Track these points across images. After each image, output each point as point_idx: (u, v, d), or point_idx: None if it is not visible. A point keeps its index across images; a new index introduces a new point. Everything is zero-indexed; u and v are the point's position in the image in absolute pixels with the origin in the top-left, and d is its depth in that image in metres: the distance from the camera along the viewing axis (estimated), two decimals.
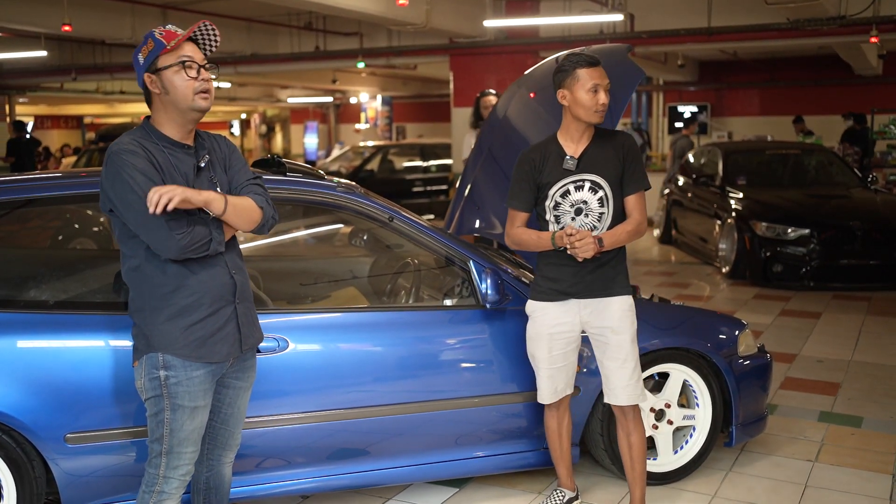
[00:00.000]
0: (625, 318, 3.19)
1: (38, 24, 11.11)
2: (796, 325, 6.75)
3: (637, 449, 3.26)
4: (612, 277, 3.19)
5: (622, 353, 3.18)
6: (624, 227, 3.15)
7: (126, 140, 2.48)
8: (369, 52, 13.65)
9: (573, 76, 3.11)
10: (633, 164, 3.17)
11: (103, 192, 2.49)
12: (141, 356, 2.56)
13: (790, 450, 4.15)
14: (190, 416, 2.56)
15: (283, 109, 28.99)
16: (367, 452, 3.37)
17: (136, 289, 2.56)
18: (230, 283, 2.61)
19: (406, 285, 3.91)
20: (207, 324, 2.55)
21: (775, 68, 17.76)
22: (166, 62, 2.50)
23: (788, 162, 10.15)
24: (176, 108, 2.51)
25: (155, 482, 2.57)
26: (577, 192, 3.15)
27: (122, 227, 2.51)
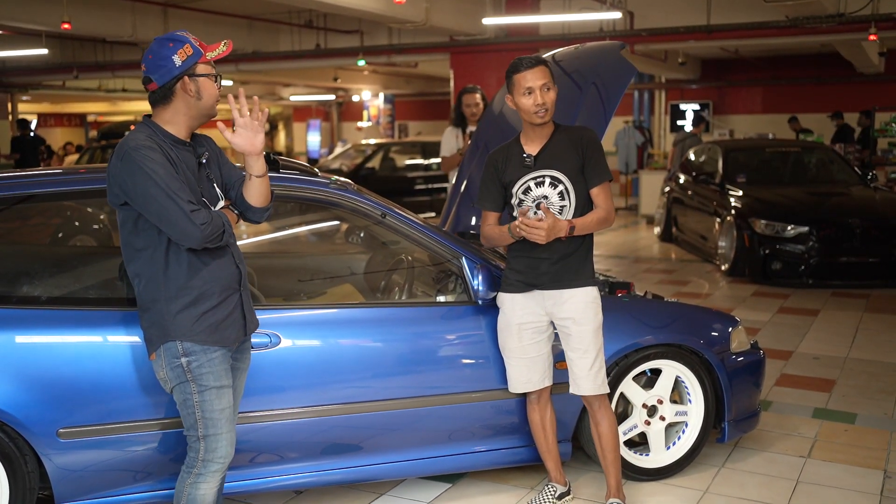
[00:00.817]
0: (587, 309, 3.25)
1: (39, 22, 11.14)
2: (794, 323, 6.76)
3: (606, 437, 3.32)
4: (576, 269, 3.26)
5: (583, 343, 3.25)
6: (593, 215, 3.24)
7: (141, 137, 2.59)
8: (370, 50, 13.68)
9: (511, 82, 3.24)
10: (593, 156, 3.24)
11: (117, 186, 2.58)
12: (157, 347, 2.66)
13: (783, 446, 4.16)
14: (217, 395, 2.68)
15: (285, 107, 29.03)
16: (360, 448, 3.39)
17: (150, 280, 2.64)
18: (236, 272, 2.78)
19: (400, 282, 3.92)
20: (219, 311, 2.69)
21: (777, 66, 17.75)
22: (204, 70, 2.65)
23: (788, 160, 10.15)
24: (199, 113, 2.68)
25: (194, 465, 2.70)
26: (537, 189, 3.25)
27: (135, 220, 2.61)
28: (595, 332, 3.26)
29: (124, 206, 2.62)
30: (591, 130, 3.34)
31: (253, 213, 2.83)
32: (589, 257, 3.31)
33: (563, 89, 4.08)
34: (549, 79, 3.20)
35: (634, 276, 8.76)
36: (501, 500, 3.60)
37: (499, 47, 12.25)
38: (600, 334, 3.29)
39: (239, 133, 2.67)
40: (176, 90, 2.64)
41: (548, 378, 3.37)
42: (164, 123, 2.67)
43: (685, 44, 13.08)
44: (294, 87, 24.31)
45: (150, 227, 2.60)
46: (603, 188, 3.26)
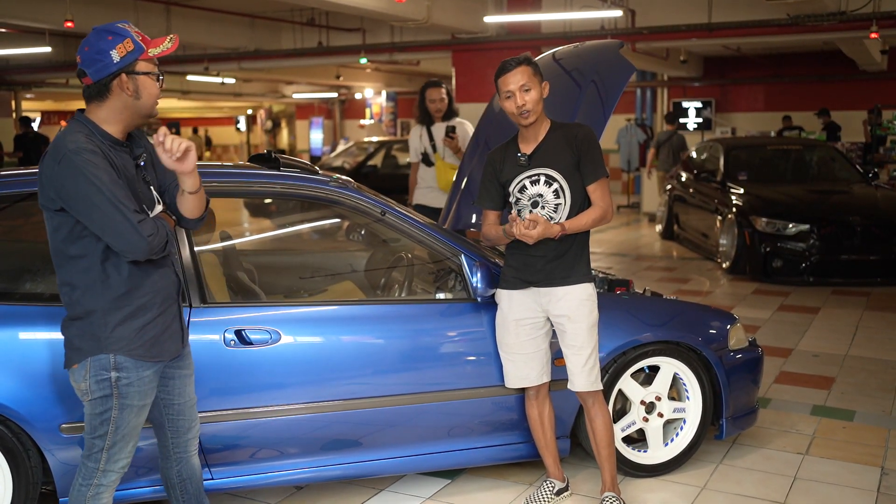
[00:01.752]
0: (581, 306, 3.28)
1: (42, 20, 11.18)
2: (794, 320, 6.77)
3: (600, 433, 3.36)
4: (571, 266, 3.29)
5: (578, 340, 3.28)
6: (588, 214, 3.26)
7: (81, 138, 2.41)
8: (372, 48, 13.69)
9: (497, 86, 3.30)
10: (588, 154, 3.25)
11: (53, 190, 2.41)
12: (84, 357, 2.50)
13: (781, 443, 4.18)
14: (137, 413, 2.57)
15: (288, 105, 29.05)
16: (359, 443, 3.42)
17: (85, 290, 2.48)
18: (176, 282, 2.67)
19: (400, 279, 3.95)
20: (158, 323, 2.57)
21: (780, 64, 17.74)
22: (144, 68, 2.48)
23: (790, 158, 10.16)
24: (137, 113, 2.51)
25: (93, 476, 2.56)
26: (532, 187, 3.28)
27: (71, 228, 2.44)
28: (589, 329, 3.29)
29: (59, 213, 2.43)
30: (587, 127, 3.35)
31: (187, 221, 2.69)
32: (583, 255, 3.34)
33: (563, 87, 4.10)
34: (528, 79, 3.21)
35: (635, 274, 8.77)
36: (500, 495, 3.62)
37: (500, 45, 12.26)
38: (595, 332, 3.32)
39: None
40: (112, 87, 2.45)
41: (546, 374, 3.40)
42: (99, 122, 2.48)
43: (687, 42, 13.08)
44: (297, 85, 24.34)
45: (87, 234, 2.43)
46: (599, 185, 3.28)
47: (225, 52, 14.76)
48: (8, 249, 3.95)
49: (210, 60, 15.21)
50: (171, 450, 2.80)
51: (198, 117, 33.71)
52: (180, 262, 3.16)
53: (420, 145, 6.04)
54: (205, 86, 21.96)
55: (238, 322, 3.20)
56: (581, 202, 3.29)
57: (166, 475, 2.84)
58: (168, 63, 15.80)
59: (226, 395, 3.17)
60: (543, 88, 3.28)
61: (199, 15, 13.20)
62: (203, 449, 3.19)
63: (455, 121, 5.99)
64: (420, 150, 6.05)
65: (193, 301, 3.15)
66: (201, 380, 3.11)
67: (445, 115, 6.00)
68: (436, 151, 5.97)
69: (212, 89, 22.86)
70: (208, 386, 3.14)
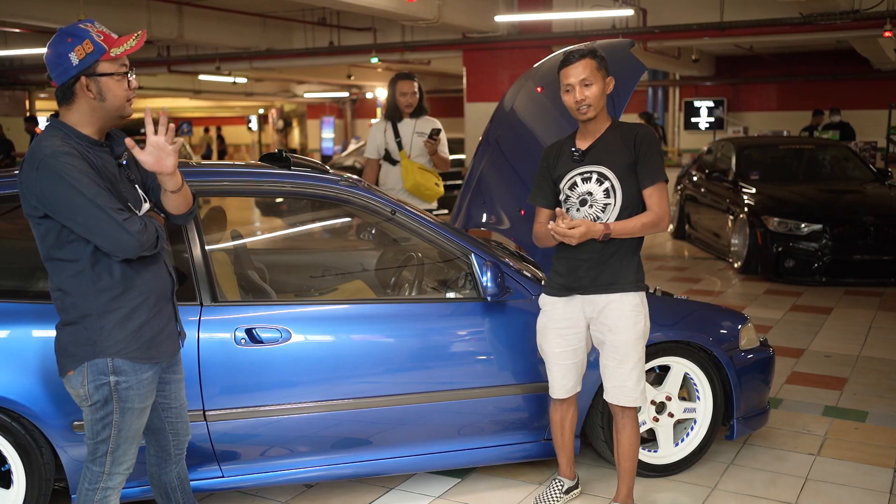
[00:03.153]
0: (624, 317, 3.14)
1: (54, 20, 11.22)
2: (806, 321, 6.74)
3: (625, 446, 3.26)
4: (617, 272, 3.15)
5: (618, 353, 3.16)
6: (638, 218, 3.11)
7: (56, 142, 2.37)
8: (383, 48, 13.70)
9: (558, 79, 3.22)
10: (646, 156, 3.12)
11: (34, 197, 2.37)
12: (81, 363, 2.47)
13: (793, 443, 4.17)
14: (139, 416, 2.55)
15: (299, 104, 29.11)
16: (370, 442, 3.42)
17: (78, 295, 2.45)
18: (169, 282, 2.63)
19: (410, 278, 3.95)
20: (154, 324, 2.54)
21: (792, 63, 17.66)
22: (107, 69, 2.42)
23: (802, 157, 10.11)
24: (105, 114, 2.46)
25: (99, 479, 2.55)
26: (584, 184, 3.17)
27: (59, 233, 2.41)
28: (633, 341, 3.15)
29: (44, 219, 2.40)
30: (648, 128, 3.23)
31: (175, 217, 2.67)
32: (632, 262, 3.19)
33: None
34: (590, 73, 3.10)
35: (647, 274, 8.73)
36: (510, 494, 3.62)
37: (511, 44, 12.24)
38: (640, 345, 3.17)
39: (149, 151, 2.44)
40: (76, 90, 2.40)
41: (578, 384, 3.35)
42: (73, 124, 2.44)
43: (699, 41, 13.04)
44: (308, 85, 24.40)
45: (75, 238, 2.40)
46: (656, 189, 3.13)
47: (237, 52, 14.81)
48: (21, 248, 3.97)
49: (222, 60, 15.26)
50: (172, 453, 2.80)
51: (209, 116, 33.82)
52: (191, 261, 3.18)
53: (383, 141, 5.44)
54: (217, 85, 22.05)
55: (249, 321, 3.21)
56: (634, 205, 3.14)
57: (164, 479, 2.83)
58: (180, 62, 15.89)
59: (236, 393, 3.19)
60: (608, 84, 3.17)
61: (211, 15, 13.25)
62: (214, 447, 3.20)
63: (428, 120, 5.49)
64: (383, 147, 5.45)
65: (205, 300, 3.17)
66: (212, 378, 3.14)
67: (415, 112, 5.47)
68: (401, 149, 5.40)
69: (224, 89, 22.94)
70: (219, 384, 3.15)
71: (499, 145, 4.57)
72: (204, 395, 3.13)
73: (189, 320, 3.11)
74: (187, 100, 25.98)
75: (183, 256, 3.20)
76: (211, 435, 3.18)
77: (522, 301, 3.53)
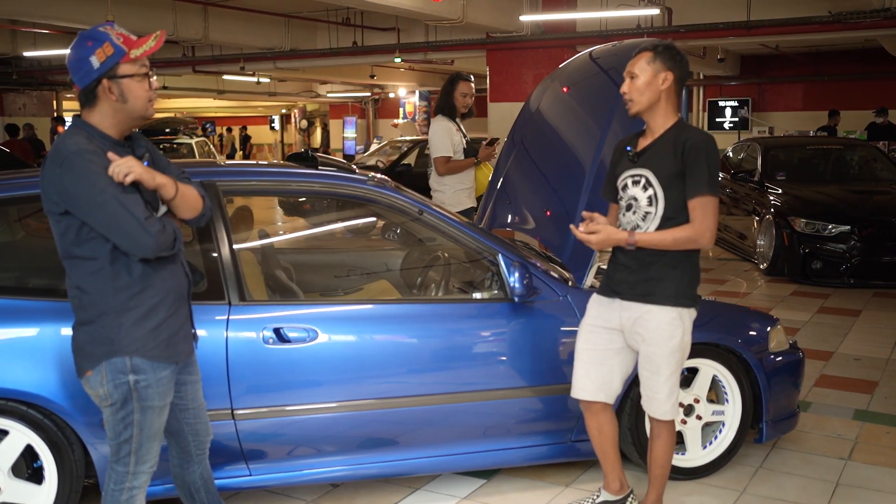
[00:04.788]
0: (659, 330, 3.00)
1: (82, 21, 11.35)
2: (834, 323, 6.66)
3: (657, 454, 3.17)
4: (656, 284, 2.99)
5: (652, 365, 3.05)
6: (672, 231, 2.94)
7: (81, 140, 2.40)
8: (406, 48, 13.72)
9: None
10: (692, 165, 2.90)
11: (56, 193, 2.39)
12: (99, 363, 2.48)
13: (823, 447, 4.12)
14: (159, 414, 2.56)
15: (322, 104, 29.21)
16: (396, 442, 3.42)
17: (96, 293, 2.46)
18: (185, 282, 2.64)
19: (436, 278, 3.95)
20: (171, 323, 2.55)
21: (819, 62, 17.47)
22: (128, 71, 2.43)
23: (830, 157, 10.00)
24: (128, 116, 2.47)
25: (125, 479, 2.56)
26: (633, 188, 3.03)
27: (78, 230, 2.42)
28: (666, 355, 3.01)
29: (65, 216, 2.41)
30: (704, 135, 2.98)
31: (189, 220, 2.66)
32: (674, 275, 2.99)
33: (601, 87, 4.07)
34: (637, 66, 2.97)
35: None
36: (536, 496, 3.61)
37: (535, 44, 12.21)
38: (675, 359, 3.04)
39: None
40: (98, 93, 2.42)
41: (603, 394, 3.16)
42: (95, 125, 2.46)
43: (724, 40, 12.94)
44: (331, 84, 24.49)
45: (95, 236, 2.41)
46: (700, 203, 2.90)
47: (261, 52, 14.89)
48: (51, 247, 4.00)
49: (246, 60, 15.36)
50: (193, 453, 2.81)
51: (232, 116, 34.03)
52: (219, 261, 3.19)
53: (460, 141, 5.45)
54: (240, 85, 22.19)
55: (276, 320, 3.22)
56: (679, 217, 2.95)
57: (188, 480, 2.84)
58: (205, 63, 16.00)
59: (264, 392, 3.20)
60: (661, 79, 2.96)
61: (235, 15, 13.33)
62: (241, 446, 3.21)
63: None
64: (460, 145, 5.45)
65: (233, 299, 3.18)
66: (240, 377, 3.15)
67: (468, 112, 5.54)
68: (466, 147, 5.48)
69: (247, 89, 23.08)
70: (247, 383, 3.16)
71: (524, 146, 4.55)
72: (232, 393, 3.14)
73: (217, 319, 3.13)
74: (211, 100, 26.15)
75: (211, 256, 3.21)
76: (239, 434, 3.19)
77: (549, 302, 3.51)
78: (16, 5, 10.92)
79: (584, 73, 4.36)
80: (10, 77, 17.81)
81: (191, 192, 2.61)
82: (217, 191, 3.25)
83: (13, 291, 3.22)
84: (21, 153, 11.49)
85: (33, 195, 3.27)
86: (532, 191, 4.42)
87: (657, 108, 3.00)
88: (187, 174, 2.72)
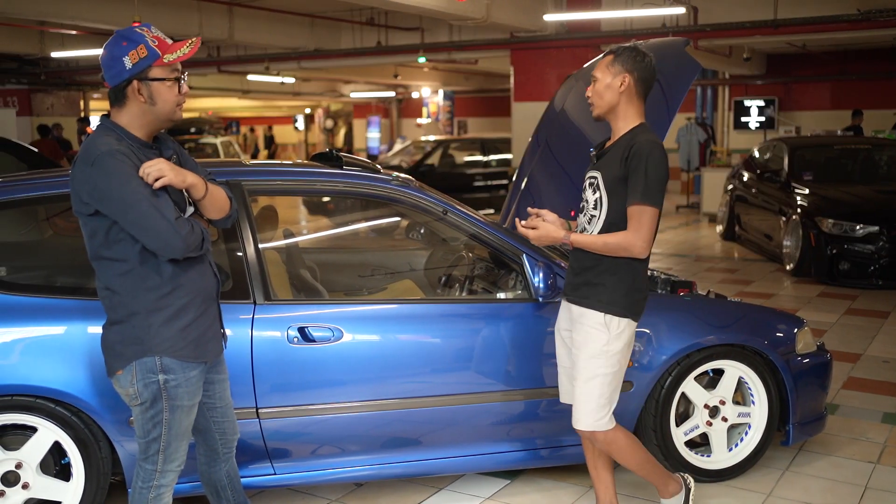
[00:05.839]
0: (584, 333, 2.95)
1: (109, 22, 11.47)
2: (862, 325, 6.58)
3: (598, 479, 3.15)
4: (593, 287, 2.94)
5: (577, 370, 2.99)
6: (605, 236, 2.88)
7: (112, 141, 2.42)
8: (430, 47, 13.72)
9: None
10: (633, 172, 2.82)
11: (86, 193, 2.41)
12: (129, 362, 2.50)
13: (851, 450, 4.07)
14: (188, 413, 2.59)
15: (346, 104, 29.30)
16: (419, 442, 3.42)
17: (126, 294, 2.48)
18: (214, 282, 2.66)
19: (460, 278, 3.94)
20: (200, 323, 2.57)
21: (847, 61, 17.24)
22: (159, 74, 2.45)
23: (858, 157, 9.88)
24: (156, 118, 2.50)
25: (153, 477, 2.59)
26: (588, 189, 3.03)
27: (107, 232, 2.44)
28: (585, 359, 2.95)
29: (94, 217, 2.43)
30: (650, 143, 2.86)
31: (215, 221, 2.69)
32: (612, 281, 2.91)
33: None
34: (599, 69, 2.94)
35: (696, 275, 8.62)
36: (560, 497, 3.60)
37: (559, 44, 12.17)
38: (593, 366, 2.94)
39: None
40: (128, 93, 2.45)
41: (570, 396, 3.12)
42: (124, 126, 2.49)
43: (750, 39, 12.81)
44: (355, 84, 24.55)
45: (123, 237, 2.43)
46: (635, 211, 2.82)
47: (285, 52, 14.96)
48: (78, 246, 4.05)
49: (271, 60, 15.43)
50: (220, 452, 2.83)
51: (257, 116, 34.24)
52: (245, 260, 3.21)
53: None
54: (265, 85, 22.30)
55: (301, 319, 3.23)
56: (620, 223, 2.90)
57: (214, 478, 2.87)
58: (230, 63, 16.11)
59: (288, 391, 3.21)
60: (617, 82, 2.91)
61: (260, 15, 13.40)
62: (266, 444, 3.23)
63: None
64: None
65: (258, 298, 3.20)
66: (265, 376, 3.16)
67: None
68: None
69: (271, 89, 23.20)
70: (271, 382, 3.18)
71: (549, 146, 4.53)
72: (257, 392, 3.16)
73: (242, 318, 3.14)
74: (236, 99, 26.31)
75: (237, 255, 3.23)
76: (263, 432, 3.21)
77: None
78: (44, 6, 11.05)
79: None
80: (39, 77, 18.03)
81: (219, 192, 2.64)
82: (242, 190, 3.27)
83: (42, 290, 3.26)
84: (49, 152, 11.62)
85: (60, 194, 3.33)
86: (556, 190, 4.41)
87: (617, 110, 2.95)
88: (213, 176, 2.74)
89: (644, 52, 2.97)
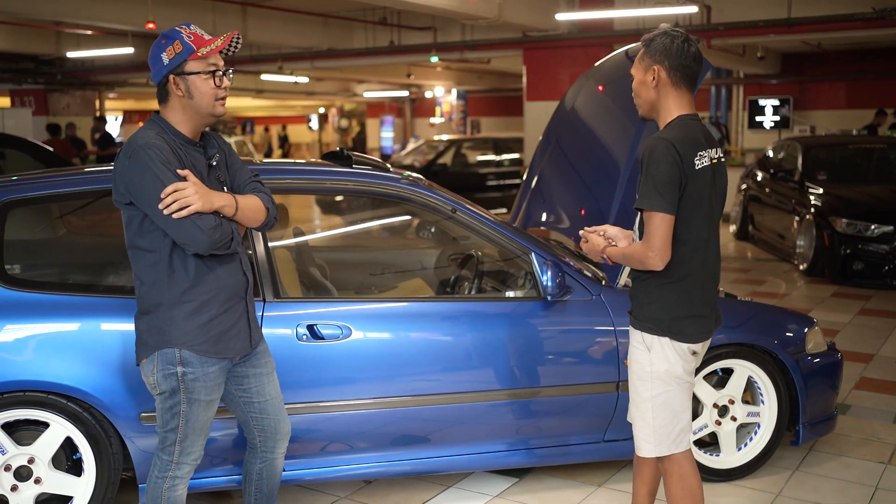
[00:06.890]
0: (632, 355, 2.74)
1: (125, 22, 11.55)
2: (875, 325, 6.54)
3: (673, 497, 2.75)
4: (638, 305, 2.72)
5: (629, 393, 2.79)
6: (624, 248, 2.71)
7: (151, 135, 2.49)
8: (443, 47, 13.73)
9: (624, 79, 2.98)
10: (643, 175, 2.58)
11: (123, 184, 2.48)
12: (152, 352, 2.56)
13: (861, 451, 4.05)
14: (206, 408, 2.62)
15: (359, 104, 29.36)
16: (428, 440, 3.44)
17: (154, 284, 2.54)
18: (243, 280, 2.69)
19: (469, 276, 3.95)
20: (224, 320, 2.60)
21: (862, 59, 17.12)
22: (195, 68, 2.52)
23: (872, 157, 9.81)
24: (196, 112, 2.55)
25: (168, 468, 2.63)
26: None
27: (141, 222, 2.51)
28: (633, 381, 2.74)
29: (130, 206, 2.51)
30: (654, 138, 2.60)
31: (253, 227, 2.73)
32: (651, 296, 2.66)
33: None
34: (634, 66, 2.72)
35: None
36: (569, 495, 3.60)
37: (572, 43, 12.14)
38: (641, 388, 2.70)
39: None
40: (168, 89, 2.53)
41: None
42: (170, 122, 2.57)
43: (764, 38, 12.74)
44: (368, 84, 24.59)
45: (155, 228, 2.49)
46: (646, 217, 2.57)
47: (298, 52, 15.00)
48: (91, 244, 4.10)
49: (284, 60, 15.48)
50: (259, 448, 2.86)
51: (271, 116, 34.36)
52: (255, 258, 3.23)
53: None
54: (278, 85, 22.36)
55: (310, 317, 3.25)
56: None
57: (248, 468, 2.91)
58: (243, 62, 16.16)
59: (297, 388, 3.23)
60: (650, 76, 2.65)
61: (274, 15, 13.45)
62: None
63: None
64: None
65: (267, 296, 3.22)
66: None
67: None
68: None
69: (285, 88, 23.27)
70: (281, 379, 3.17)
71: (560, 145, 4.54)
72: None
73: None
74: (250, 99, 26.42)
75: (247, 253, 3.25)
76: None
77: (582, 301, 3.50)
78: (59, 6, 11.13)
79: (619, 72, 4.32)
80: (55, 77, 18.16)
81: (251, 203, 2.64)
82: None
83: (55, 287, 3.29)
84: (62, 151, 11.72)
85: (73, 192, 3.36)
86: (567, 190, 4.41)
87: (658, 107, 2.68)
88: (259, 177, 2.77)
89: (675, 35, 2.65)
